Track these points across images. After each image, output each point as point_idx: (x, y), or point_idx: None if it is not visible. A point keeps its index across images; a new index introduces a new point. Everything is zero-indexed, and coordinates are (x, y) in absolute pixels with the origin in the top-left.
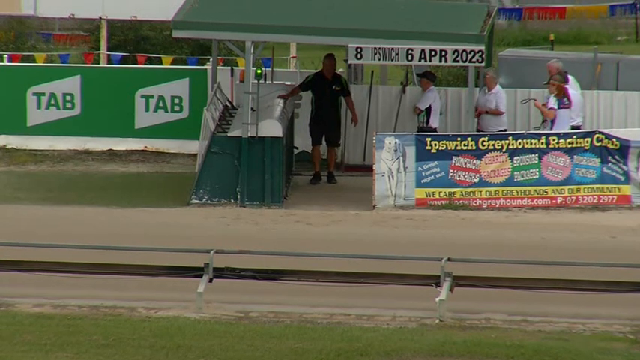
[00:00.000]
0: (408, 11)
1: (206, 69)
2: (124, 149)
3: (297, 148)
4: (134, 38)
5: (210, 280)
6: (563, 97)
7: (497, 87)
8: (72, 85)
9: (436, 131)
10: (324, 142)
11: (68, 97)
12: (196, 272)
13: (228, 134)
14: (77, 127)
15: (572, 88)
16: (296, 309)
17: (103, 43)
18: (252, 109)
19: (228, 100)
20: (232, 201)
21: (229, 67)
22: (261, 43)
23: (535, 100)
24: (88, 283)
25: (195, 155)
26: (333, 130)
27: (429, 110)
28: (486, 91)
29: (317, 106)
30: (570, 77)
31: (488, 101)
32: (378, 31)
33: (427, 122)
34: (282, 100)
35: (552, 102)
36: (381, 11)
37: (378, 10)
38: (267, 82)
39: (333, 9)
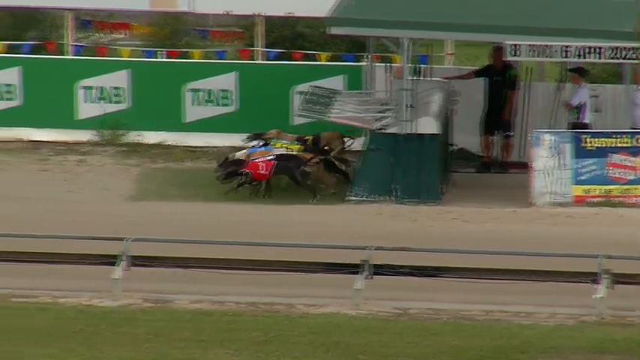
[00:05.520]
0: (563, 8)
1: (362, 66)
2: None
3: (454, 145)
4: (290, 35)
5: (370, 277)
6: None
7: None
8: (228, 81)
9: (587, 127)
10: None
11: (224, 94)
12: (354, 269)
13: (386, 131)
14: (233, 123)
15: None
16: (454, 306)
17: (259, 40)
18: (410, 105)
19: None
20: (389, 198)
21: (386, 65)
22: (417, 40)
23: None
24: (245, 279)
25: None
26: (499, 121)
27: (581, 106)
28: (639, 87)
29: (487, 96)
30: None
31: (638, 97)
32: (534, 28)
33: (579, 118)
34: (440, 97)
35: None
36: (537, 8)
37: (534, 7)
38: (423, 78)
39: (488, 6)
